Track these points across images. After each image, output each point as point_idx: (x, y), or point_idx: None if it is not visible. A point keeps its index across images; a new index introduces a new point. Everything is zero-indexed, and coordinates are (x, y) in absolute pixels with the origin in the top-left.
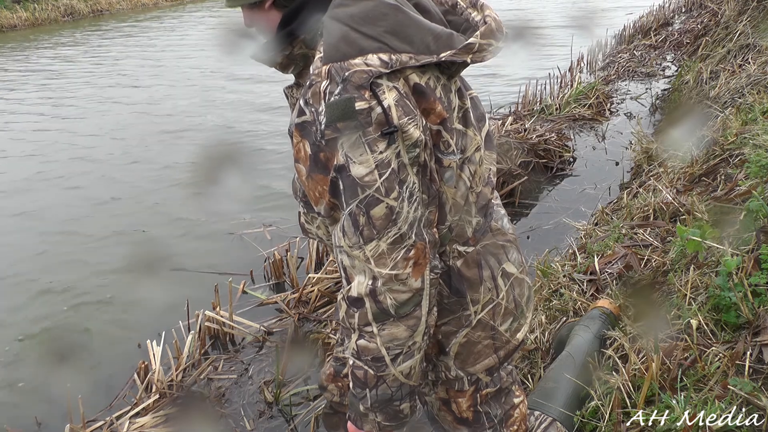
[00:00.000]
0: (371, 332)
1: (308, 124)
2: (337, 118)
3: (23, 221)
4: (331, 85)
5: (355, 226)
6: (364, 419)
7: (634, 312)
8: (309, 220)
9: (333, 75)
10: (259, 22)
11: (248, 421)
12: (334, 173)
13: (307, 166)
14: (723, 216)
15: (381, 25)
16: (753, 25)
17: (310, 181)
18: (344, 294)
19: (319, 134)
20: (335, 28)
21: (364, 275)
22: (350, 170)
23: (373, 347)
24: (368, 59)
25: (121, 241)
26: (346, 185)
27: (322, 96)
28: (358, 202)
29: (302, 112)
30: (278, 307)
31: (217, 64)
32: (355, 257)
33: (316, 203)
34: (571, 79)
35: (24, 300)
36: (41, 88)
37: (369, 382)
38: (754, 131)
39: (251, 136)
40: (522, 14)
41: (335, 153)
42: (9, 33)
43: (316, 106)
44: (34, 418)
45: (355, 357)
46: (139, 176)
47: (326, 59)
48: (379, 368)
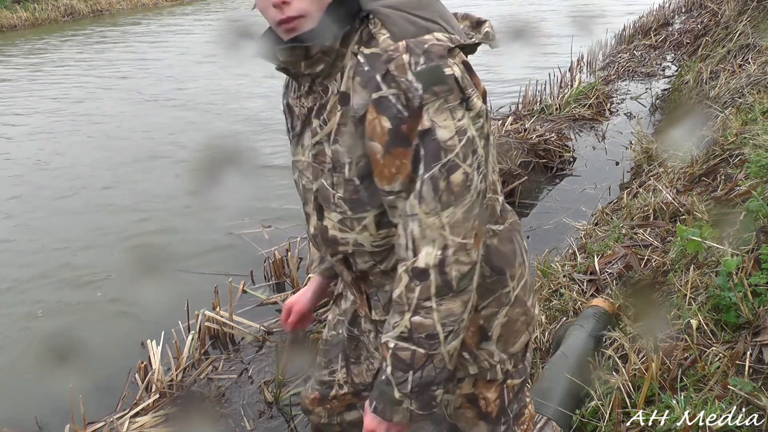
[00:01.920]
0: (429, 307)
1: (386, 98)
2: (432, 82)
3: (22, 221)
4: (413, 56)
5: (435, 191)
6: (395, 409)
7: (634, 312)
8: (350, 224)
9: (412, 48)
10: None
11: (248, 421)
12: (418, 139)
13: (384, 141)
14: (723, 216)
15: (430, 10)
16: (753, 25)
17: (387, 158)
18: (408, 266)
19: (406, 104)
20: (392, 13)
21: (433, 245)
22: (435, 134)
23: (428, 323)
24: (435, 35)
25: (120, 241)
26: (428, 150)
27: (407, 67)
28: (440, 166)
29: (378, 88)
30: (278, 307)
31: (219, 63)
32: (430, 225)
33: (390, 180)
34: (571, 79)
35: (24, 300)
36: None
37: (416, 362)
38: (754, 131)
39: (251, 135)
40: (522, 14)
41: (419, 120)
42: (9, 33)
43: (403, 77)
44: (34, 418)
45: (403, 337)
46: (138, 176)
47: (398, 36)
48: (432, 346)
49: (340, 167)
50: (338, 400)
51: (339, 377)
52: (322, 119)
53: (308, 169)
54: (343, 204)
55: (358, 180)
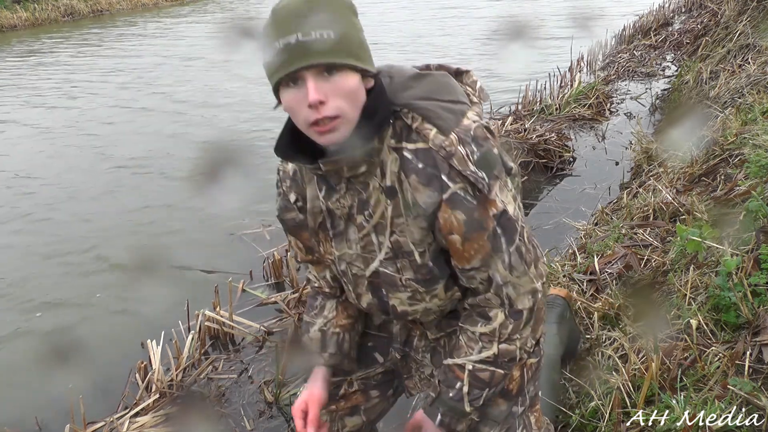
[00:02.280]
0: (516, 338)
1: (456, 194)
2: (491, 167)
3: (22, 220)
4: (467, 147)
5: (521, 257)
6: (460, 420)
7: (634, 312)
8: (420, 297)
9: (463, 138)
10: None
11: (248, 420)
12: (495, 222)
13: (462, 231)
14: (723, 216)
15: (451, 91)
16: (753, 25)
17: (466, 244)
18: (506, 310)
19: (473, 194)
20: (429, 105)
21: (527, 295)
22: (508, 213)
23: (512, 349)
24: (468, 116)
25: (120, 241)
26: (506, 228)
27: (467, 159)
28: (518, 237)
29: (444, 185)
30: (278, 307)
31: (220, 63)
32: (523, 284)
33: (469, 261)
34: (571, 79)
35: (24, 300)
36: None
37: (494, 381)
38: (754, 131)
39: (251, 135)
40: (522, 14)
41: (490, 205)
42: (9, 33)
43: (468, 170)
44: (35, 418)
45: (488, 362)
46: (138, 176)
47: (446, 130)
48: (510, 367)
49: (405, 254)
50: (346, 400)
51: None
52: (366, 214)
53: (358, 260)
54: (414, 284)
55: (432, 263)
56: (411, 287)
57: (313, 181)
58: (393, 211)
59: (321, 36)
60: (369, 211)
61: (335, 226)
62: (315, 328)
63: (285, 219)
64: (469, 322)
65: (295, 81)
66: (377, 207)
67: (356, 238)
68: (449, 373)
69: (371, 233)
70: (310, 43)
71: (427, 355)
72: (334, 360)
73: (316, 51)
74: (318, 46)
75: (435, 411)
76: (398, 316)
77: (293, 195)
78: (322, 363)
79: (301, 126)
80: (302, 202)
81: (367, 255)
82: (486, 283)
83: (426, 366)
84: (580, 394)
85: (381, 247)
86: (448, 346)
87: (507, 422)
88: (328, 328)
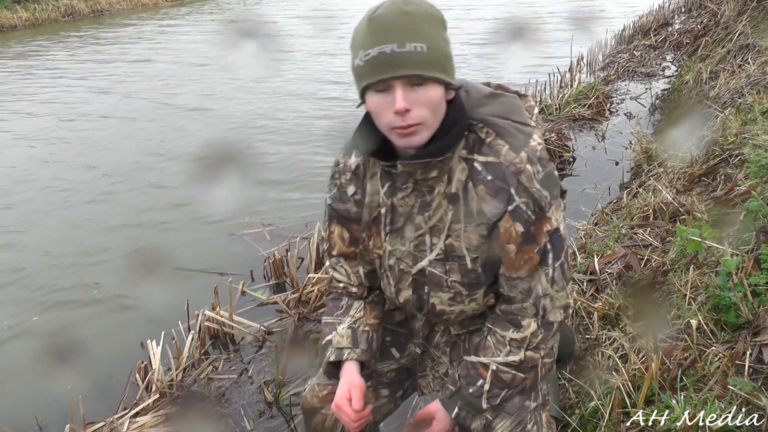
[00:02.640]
0: (543, 347)
1: (519, 207)
2: (553, 188)
3: (21, 221)
4: (534, 166)
5: (563, 273)
6: (475, 416)
7: (634, 312)
8: (460, 300)
9: (531, 158)
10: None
11: (248, 420)
12: (547, 238)
13: (518, 242)
14: (723, 216)
15: (521, 113)
16: (753, 25)
17: (519, 254)
18: (539, 321)
19: (533, 209)
20: (503, 123)
21: (560, 309)
22: (560, 231)
23: (537, 357)
24: (534, 138)
25: (120, 241)
26: (556, 244)
27: (533, 177)
28: (564, 254)
29: (511, 198)
30: (278, 307)
31: (220, 63)
32: (559, 297)
33: (517, 270)
34: (571, 80)
35: (23, 300)
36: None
37: (514, 383)
38: (754, 131)
39: (252, 135)
40: (522, 14)
41: (546, 222)
42: (9, 33)
43: (534, 187)
44: (35, 418)
45: (513, 365)
46: (137, 176)
47: (517, 148)
48: (531, 372)
49: (456, 258)
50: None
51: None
52: (426, 215)
53: (408, 257)
54: (459, 286)
55: (481, 269)
56: (455, 289)
57: (377, 178)
58: (452, 217)
59: (414, 49)
60: (429, 213)
61: (394, 222)
62: (343, 326)
63: (337, 209)
64: (500, 326)
65: (384, 88)
66: (438, 210)
67: (411, 236)
68: (472, 370)
69: (426, 234)
70: (404, 55)
71: (447, 350)
72: (365, 356)
73: (409, 63)
74: (411, 59)
75: (453, 404)
76: (435, 314)
77: (352, 188)
78: (354, 358)
79: (382, 127)
80: (360, 196)
81: (417, 253)
82: (526, 293)
83: (442, 364)
84: (580, 394)
85: (433, 248)
86: (468, 342)
87: (519, 415)
88: (358, 326)
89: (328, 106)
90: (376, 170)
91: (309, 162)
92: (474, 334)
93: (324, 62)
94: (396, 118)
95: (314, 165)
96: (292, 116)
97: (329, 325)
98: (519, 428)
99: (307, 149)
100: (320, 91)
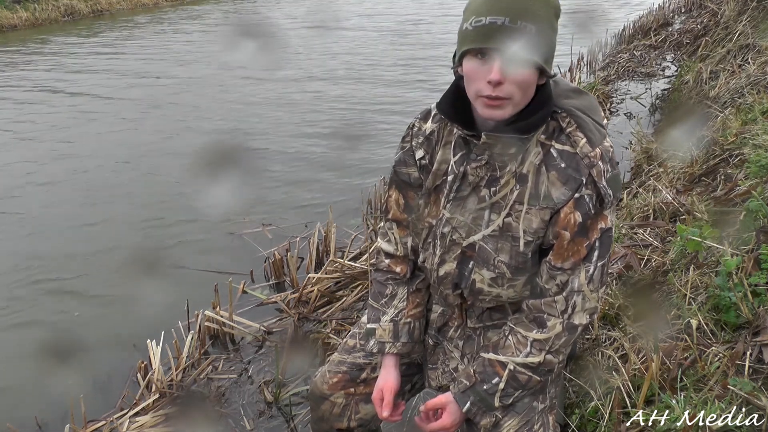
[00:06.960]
0: (563, 351)
1: (583, 197)
2: (617, 188)
3: (20, 220)
4: (606, 164)
5: (602, 274)
6: (486, 413)
7: (634, 312)
8: (501, 282)
9: (604, 156)
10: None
11: (248, 420)
12: (598, 234)
13: (573, 231)
14: (723, 216)
15: (600, 114)
16: (753, 25)
17: (570, 244)
18: (564, 321)
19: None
20: (583, 117)
21: (587, 313)
22: (611, 231)
23: (555, 361)
24: (607, 140)
25: (120, 241)
26: (604, 243)
27: (603, 174)
28: (608, 255)
29: (579, 188)
30: (278, 307)
31: (220, 63)
32: (591, 298)
33: (564, 260)
34: (571, 79)
35: (23, 300)
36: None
37: (529, 384)
38: (754, 131)
39: (252, 136)
40: None
41: (602, 219)
42: (9, 33)
43: (601, 183)
44: (35, 418)
45: (530, 367)
46: (136, 176)
47: (594, 143)
48: (546, 376)
49: (510, 239)
50: (365, 385)
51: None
52: (492, 190)
53: (463, 228)
54: (504, 267)
55: (530, 254)
56: (500, 269)
57: (449, 146)
58: (517, 197)
59: (524, 27)
60: (495, 189)
61: (460, 190)
62: (386, 319)
63: (399, 172)
64: (523, 327)
65: (484, 55)
66: (504, 187)
67: (473, 207)
68: (489, 367)
69: (487, 209)
70: (512, 30)
71: (460, 343)
72: (406, 349)
73: (515, 41)
74: (517, 36)
75: (465, 398)
76: (473, 292)
77: (421, 152)
78: (394, 351)
79: (470, 93)
80: (427, 161)
81: (473, 226)
82: (561, 285)
83: (453, 359)
84: (580, 394)
85: (490, 224)
86: (483, 338)
87: (527, 416)
88: (399, 318)
89: (329, 106)
90: (451, 138)
91: (310, 162)
92: (489, 330)
93: (324, 62)
94: (487, 87)
95: (315, 165)
96: (292, 116)
97: (374, 311)
98: (526, 428)
99: (308, 149)
100: (321, 91)
